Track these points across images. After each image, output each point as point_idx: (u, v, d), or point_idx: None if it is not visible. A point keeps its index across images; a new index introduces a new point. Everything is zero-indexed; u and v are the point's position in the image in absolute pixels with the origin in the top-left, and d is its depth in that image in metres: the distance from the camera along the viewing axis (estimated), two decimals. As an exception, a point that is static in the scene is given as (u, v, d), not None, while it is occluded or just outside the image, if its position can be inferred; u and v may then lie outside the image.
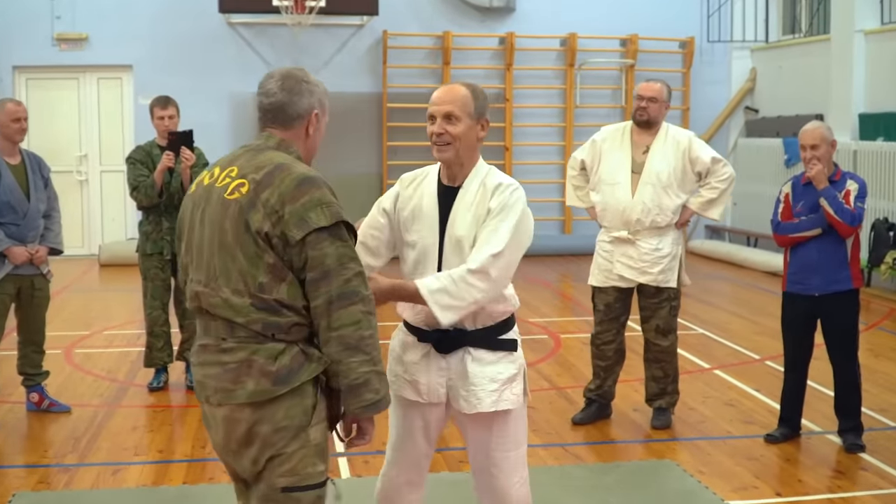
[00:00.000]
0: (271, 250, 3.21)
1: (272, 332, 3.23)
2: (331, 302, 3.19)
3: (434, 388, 3.84)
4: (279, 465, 3.28)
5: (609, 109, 16.08)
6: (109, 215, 15.37)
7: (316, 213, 3.20)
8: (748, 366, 8.56)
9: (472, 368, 3.78)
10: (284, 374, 3.23)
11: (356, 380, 3.23)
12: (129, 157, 7.55)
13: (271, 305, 3.22)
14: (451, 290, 3.62)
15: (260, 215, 3.20)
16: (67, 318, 10.44)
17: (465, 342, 3.79)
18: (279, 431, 3.25)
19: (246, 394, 3.23)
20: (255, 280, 3.22)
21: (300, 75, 3.46)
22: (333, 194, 3.29)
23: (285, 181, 3.22)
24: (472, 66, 15.69)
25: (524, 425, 3.95)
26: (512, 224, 3.67)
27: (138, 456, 6.24)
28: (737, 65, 16.44)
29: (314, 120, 3.46)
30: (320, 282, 3.20)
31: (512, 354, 3.84)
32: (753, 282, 13.18)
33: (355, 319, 3.20)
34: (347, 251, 3.24)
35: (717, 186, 6.60)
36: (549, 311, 11.15)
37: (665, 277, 6.58)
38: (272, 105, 3.41)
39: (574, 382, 7.92)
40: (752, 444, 6.49)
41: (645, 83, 6.65)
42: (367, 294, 3.25)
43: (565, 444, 6.48)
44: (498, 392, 3.77)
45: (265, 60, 15.16)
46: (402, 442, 3.98)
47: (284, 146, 3.41)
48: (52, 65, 14.91)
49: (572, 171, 6.91)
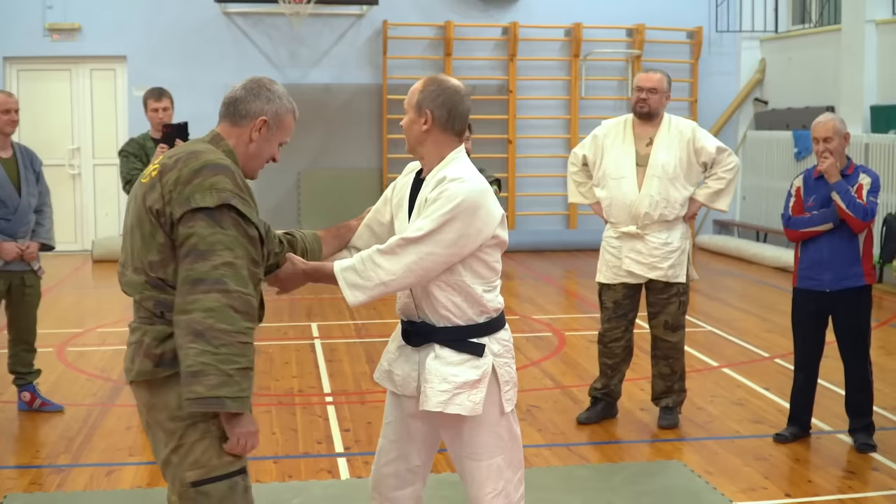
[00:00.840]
0: (160, 229, 3.29)
1: (161, 310, 3.32)
2: (189, 283, 3.20)
3: (406, 381, 3.86)
4: (184, 458, 3.34)
5: (615, 101, 16.07)
6: (103, 210, 15.37)
7: (202, 195, 3.25)
8: (757, 364, 8.56)
9: (431, 365, 3.75)
10: (169, 357, 3.31)
11: (190, 367, 3.18)
12: (122, 150, 7.53)
13: (159, 283, 3.32)
14: (359, 268, 3.63)
15: (156, 195, 3.31)
16: (59, 316, 10.44)
17: (432, 338, 3.78)
18: (175, 420, 3.32)
19: (134, 372, 3.38)
20: (147, 258, 3.32)
21: (266, 83, 3.55)
22: (238, 185, 3.31)
23: (189, 165, 3.31)
24: (474, 57, 15.68)
25: (505, 436, 3.85)
26: (438, 215, 3.59)
27: (133, 457, 6.24)
28: (746, 55, 16.43)
29: (259, 126, 3.47)
30: (184, 259, 3.24)
31: (477, 359, 3.75)
32: (763, 278, 13.17)
33: (209, 307, 3.18)
34: (224, 238, 3.24)
35: (723, 177, 6.59)
36: (553, 308, 11.15)
37: (675, 272, 6.58)
38: (228, 99, 3.52)
39: (579, 381, 7.92)
40: (761, 443, 6.49)
41: (643, 74, 6.67)
42: (237, 289, 3.21)
43: (570, 444, 6.47)
44: (449, 394, 3.71)
45: (262, 51, 15.15)
46: (388, 430, 4.01)
47: (217, 140, 3.48)
48: (44, 56, 14.91)
49: (573, 167, 6.90)
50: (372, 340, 9.37)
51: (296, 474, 5.90)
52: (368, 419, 6.92)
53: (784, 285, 11.97)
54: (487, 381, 3.75)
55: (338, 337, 9.60)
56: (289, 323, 10.14)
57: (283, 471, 5.92)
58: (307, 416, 7.04)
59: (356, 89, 15.44)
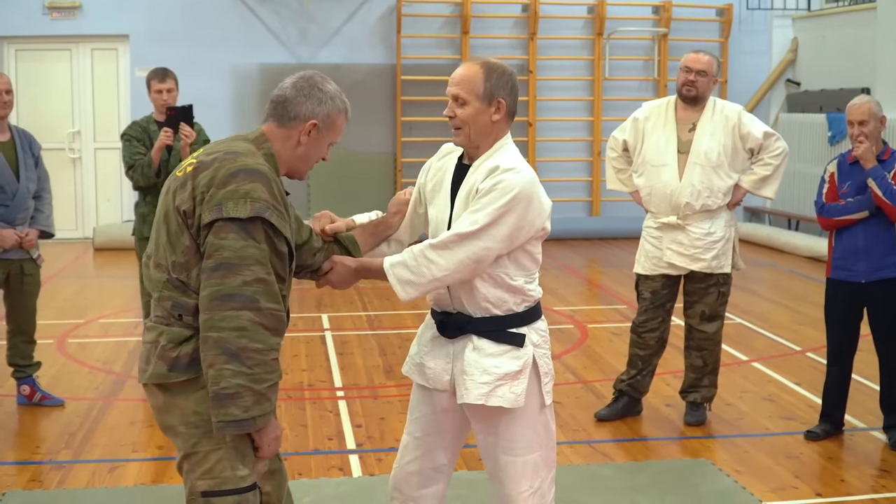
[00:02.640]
0: (188, 231, 3.30)
1: (179, 312, 3.34)
2: (219, 298, 3.21)
3: (439, 374, 3.88)
4: (197, 466, 3.38)
5: (640, 82, 16.04)
6: (104, 196, 15.42)
7: (234, 203, 3.24)
8: (788, 358, 8.56)
9: (470, 357, 3.79)
10: (184, 362, 3.33)
11: (225, 389, 3.22)
12: (124, 134, 7.56)
13: (179, 285, 3.34)
14: (411, 264, 3.67)
15: (187, 194, 3.31)
16: (60, 306, 10.48)
17: (469, 329, 3.81)
18: (188, 426, 3.36)
19: (148, 375, 3.40)
20: (171, 257, 3.34)
21: (318, 81, 3.52)
22: (274, 194, 3.31)
23: (224, 167, 3.31)
24: (492, 36, 15.67)
25: (542, 431, 3.90)
26: (494, 208, 3.62)
27: (136, 453, 6.27)
28: (777, 34, 16.37)
29: (309, 129, 3.48)
30: (213, 272, 3.23)
31: (518, 350, 3.80)
32: (795, 268, 13.15)
33: (241, 326, 3.21)
34: (257, 252, 3.25)
35: (770, 162, 6.55)
36: (574, 299, 11.15)
37: (719, 263, 6.55)
38: (276, 98, 3.51)
39: (602, 375, 7.93)
40: (791, 441, 6.49)
41: (693, 54, 6.54)
42: (268, 307, 3.24)
43: (592, 442, 6.49)
44: (490, 385, 3.74)
45: (270, 30, 15.16)
46: (414, 427, 4.03)
47: (260, 140, 3.48)
48: (43, 35, 14.94)
49: (612, 152, 6.83)
50: (385, 332, 9.40)
51: (306, 472, 5.93)
52: (381, 414, 6.95)
53: (817, 276, 11.94)
54: (528, 373, 3.80)
55: (349, 329, 9.62)
56: (298, 314, 10.15)
57: (292, 468, 5.94)
58: (317, 412, 7.07)
59: (368, 70, 15.44)
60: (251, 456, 3.43)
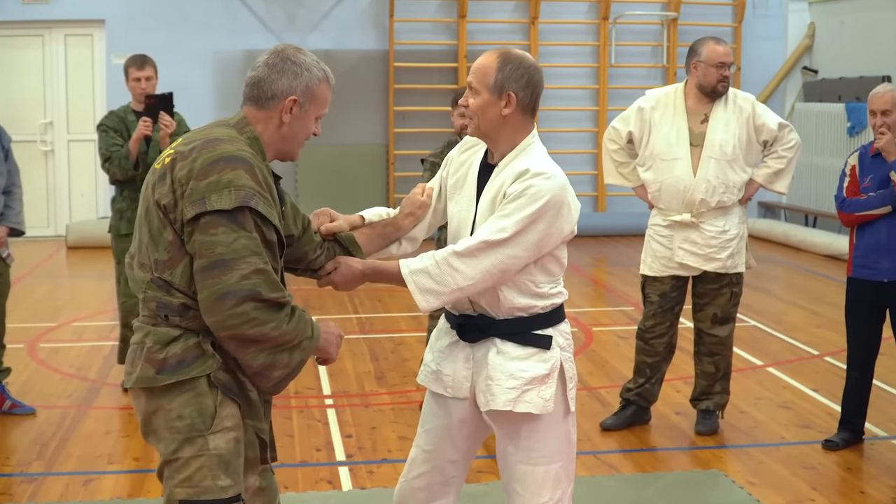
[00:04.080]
0: (170, 226, 3.30)
1: (165, 312, 3.34)
2: (219, 297, 3.21)
3: (459, 381, 3.88)
4: (176, 473, 3.37)
5: (648, 69, 16.06)
6: (78, 191, 15.41)
7: (218, 195, 3.23)
8: (806, 362, 8.56)
9: (494, 361, 3.79)
10: (172, 364, 3.33)
11: (261, 365, 3.34)
12: (100, 125, 7.56)
13: (163, 284, 3.33)
14: (433, 272, 3.67)
15: (166, 188, 3.31)
16: (31, 308, 10.47)
17: (491, 332, 3.81)
18: (172, 431, 3.35)
19: (134, 378, 3.39)
20: (154, 255, 3.34)
21: (290, 53, 3.49)
22: (259, 180, 3.30)
23: (203, 156, 3.30)
24: (491, 20, 15.67)
25: (565, 440, 3.90)
26: (523, 216, 3.63)
27: (112, 464, 6.26)
28: (793, 19, 16.38)
29: (289, 107, 3.45)
30: (208, 271, 3.23)
31: (545, 353, 3.81)
32: (812, 266, 13.16)
33: (249, 318, 3.23)
34: (249, 243, 3.25)
35: (784, 155, 6.55)
36: (579, 300, 11.15)
37: (734, 262, 6.55)
38: (250, 79, 3.49)
39: (608, 382, 7.93)
40: (809, 451, 6.49)
41: (718, 47, 6.46)
42: (269, 295, 3.26)
43: (598, 452, 6.49)
44: (517, 391, 3.75)
45: (255, 13, 15.15)
46: (425, 440, 4.02)
47: (242, 125, 3.47)
48: (13, 20, 14.92)
49: (614, 144, 6.78)
50: (377, 336, 9.40)
51: (292, 485, 5.92)
52: (373, 424, 6.94)
53: (836, 275, 11.95)
54: (556, 376, 3.81)
55: (339, 332, 9.60)
56: (285, 316, 10.14)
57: (278, 481, 5.90)
58: (305, 421, 7.06)
59: (360, 56, 15.44)
60: (237, 466, 3.41)
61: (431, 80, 15.55)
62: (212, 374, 3.33)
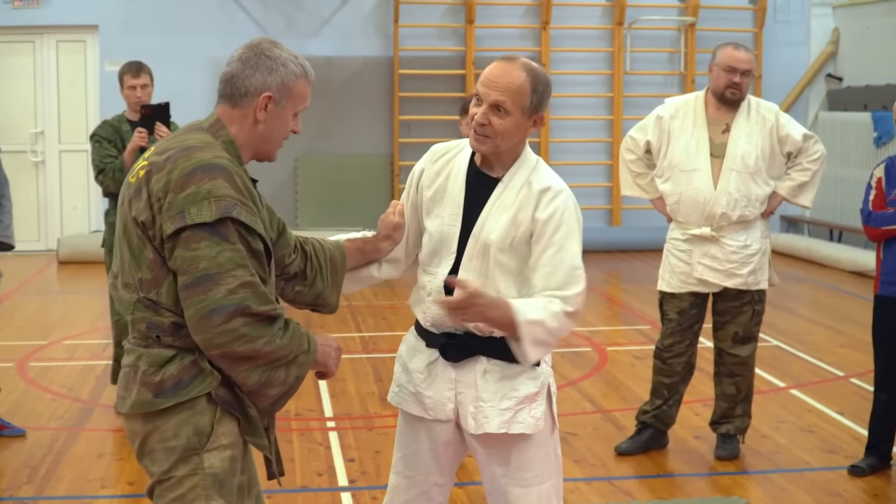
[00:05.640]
0: (150, 243, 3.29)
1: (156, 333, 3.33)
2: (205, 315, 3.20)
3: (441, 403, 3.86)
4: (168, 492, 3.36)
5: (665, 77, 16.06)
6: (70, 203, 15.44)
7: (197, 207, 3.21)
8: (830, 384, 8.55)
9: (483, 382, 3.78)
10: (170, 385, 3.32)
11: (256, 383, 3.34)
12: (94, 135, 7.57)
13: (150, 304, 3.32)
14: (550, 325, 3.68)
15: (142, 203, 3.29)
16: (21, 325, 10.50)
17: (477, 350, 3.80)
18: (167, 451, 3.34)
19: (129, 403, 3.37)
20: (137, 275, 3.33)
21: (264, 47, 3.46)
22: (239, 187, 3.28)
23: (178, 167, 3.28)
24: (500, 25, 15.69)
25: (553, 456, 3.91)
26: (577, 242, 3.81)
27: (105, 489, 6.26)
28: (816, 24, 16.39)
29: (264, 104, 3.43)
30: (193, 288, 3.22)
31: (534, 370, 3.81)
32: (837, 283, 13.15)
33: (239, 335, 3.23)
34: (234, 256, 3.23)
35: (808, 168, 6.54)
36: (593, 318, 11.15)
37: (756, 279, 6.55)
38: (224, 75, 3.49)
39: (623, 404, 7.92)
40: (834, 477, 6.49)
41: (734, 51, 6.45)
42: (259, 308, 3.24)
43: (612, 478, 6.48)
44: (511, 411, 3.75)
45: (253, 18, 15.18)
46: (405, 465, 4.00)
47: (216, 128, 3.46)
48: (3, 25, 14.95)
49: (631, 154, 6.78)
50: (381, 356, 9.40)
51: (294, 511, 5.92)
52: (377, 448, 6.94)
53: (862, 292, 11.94)
54: (545, 394, 3.84)
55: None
56: (285, 335, 10.14)
57: (278, 507, 5.94)
58: (306, 444, 7.06)
59: (363, 63, 15.45)
60: (231, 486, 3.39)
61: (438, 88, 15.57)
62: (212, 391, 3.33)
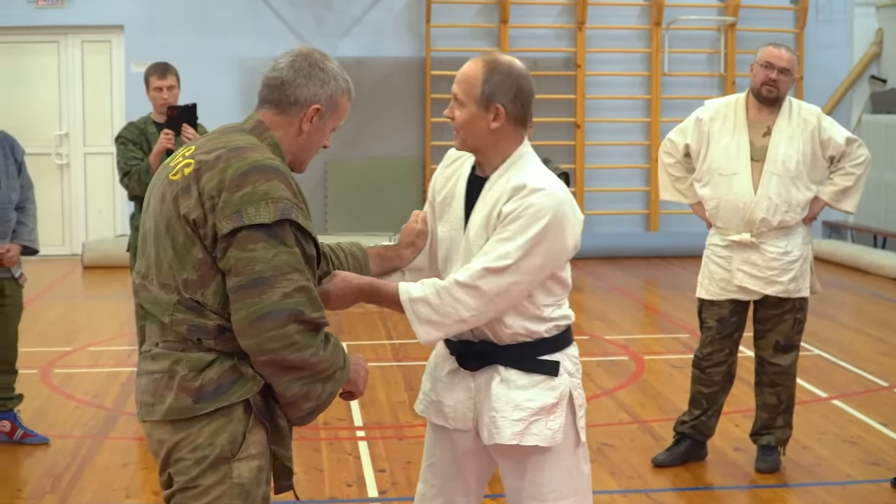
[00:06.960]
0: (200, 242, 3.28)
1: (198, 336, 3.31)
2: (258, 318, 3.20)
3: (461, 412, 3.87)
4: (192, 500, 3.34)
5: (704, 78, 16.02)
6: (95, 207, 15.51)
7: (255, 208, 3.23)
8: (874, 395, 8.51)
9: (498, 391, 3.78)
10: (210, 390, 3.31)
11: (295, 395, 3.35)
12: (119, 137, 7.60)
13: (195, 305, 3.30)
14: (434, 301, 3.65)
15: (193, 200, 3.28)
16: (44, 331, 10.54)
17: (493, 359, 3.80)
18: (199, 461, 3.32)
19: (163, 410, 3.34)
20: (181, 275, 3.31)
21: (318, 59, 3.50)
22: (294, 191, 3.32)
23: (232, 166, 3.28)
24: (534, 25, 15.69)
25: (575, 473, 3.88)
26: (525, 240, 3.60)
27: (130, 498, 6.29)
28: (859, 24, 16.31)
29: (311, 115, 3.46)
30: (247, 290, 3.22)
31: (552, 380, 3.79)
32: (881, 291, 13.09)
33: (291, 342, 3.23)
34: (291, 259, 3.25)
35: (852, 172, 6.51)
36: (630, 326, 11.12)
37: (797, 286, 6.52)
38: (271, 80, 3.49)
39: (661, 415, 7.90)
40: (877, 490, 6.45)
41: (773, 49, 6.45)
42: (311, 315, 3.26)
43: (649, 491, 6.46)
44: (524, 423, 3.74)
45: (282, 18, 15.22)
46: (432, 474, 4.02)
47: (259, 130, 3.47)
48: (28, 25, 15.05)
49: (670, 157, 6.78)
50: (412, 364, 9.39)
51: (322, 522, 5.93)
52: (408, 458, 6.94)
53: (907, 300, 11.89)
54: (565, 405, 3.80)
55: (371, 359, 9.61)
56: (314, 342, 10.16)
57: (306, 518, 5.95)
58: (335, 454, 7.07)
59: (394, 63, 15.49)
60: (256, 496, 3.39)
61: (471, 90, 15.53)
62: (251, 397, 3.33)
